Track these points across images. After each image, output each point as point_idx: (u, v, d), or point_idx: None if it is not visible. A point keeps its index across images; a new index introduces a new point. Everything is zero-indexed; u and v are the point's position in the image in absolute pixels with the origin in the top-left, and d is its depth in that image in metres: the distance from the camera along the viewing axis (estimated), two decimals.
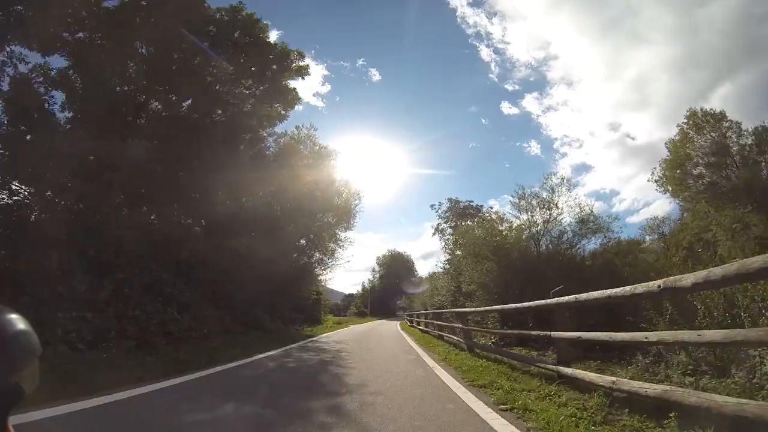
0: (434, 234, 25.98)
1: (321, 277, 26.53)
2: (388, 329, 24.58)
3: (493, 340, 10.64)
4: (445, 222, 26.53)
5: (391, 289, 67.59)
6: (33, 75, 10.53)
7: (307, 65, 17.00)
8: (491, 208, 24.46)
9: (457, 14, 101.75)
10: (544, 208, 13.90)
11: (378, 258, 73.07)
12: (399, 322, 40.19)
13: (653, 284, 3.00)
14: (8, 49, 9.72)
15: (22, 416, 3.19)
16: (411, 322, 28.26)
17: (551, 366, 5.29)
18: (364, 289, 68.76)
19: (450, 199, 26.26)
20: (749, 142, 22.79)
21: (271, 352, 9.84)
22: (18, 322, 0.62)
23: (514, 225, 14.27)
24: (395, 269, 69.03)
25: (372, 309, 59.10)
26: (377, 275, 71.42)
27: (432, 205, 26.35)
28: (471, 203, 25.99)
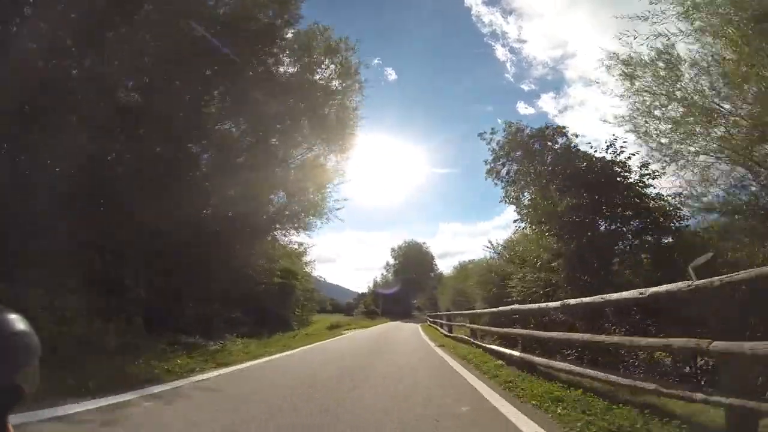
0: (487, 178, 15.53)
1: (295, 245, 17.40)
2: (408, 341, 15.52)
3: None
4: (503, 158, 16.61)
5: (406, 287, 58.38)
6: None
7: None
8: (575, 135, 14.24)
9: (472, 13, 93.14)
10: None
11: (392, 250, 63.86)
12: (419, 325, 31.24)
13: None
14: None
15: None
16: (437, 325, 22.36)
17: None
18: (376, 284, 59.63)
19: (507, 123, 16.33)
20: None
21: None
22: (18, 322, 0.62)
23: None
24: (411, 263, 59.72)
25: (384, 309, 50.25)
26: (391, 269, 62.35)
27: (481, 134, 15.75)
28: (550, 125, 16.04)
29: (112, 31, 8.80)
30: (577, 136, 14.74)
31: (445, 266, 69.31)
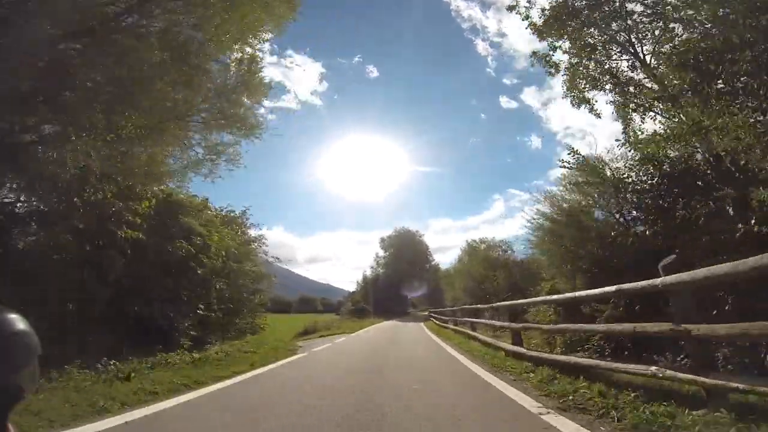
0: (532, 64, 6.38)
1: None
2: (438, 366, 7.47)
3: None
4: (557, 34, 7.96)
5: (399, 282, 50.48)
6: None
7: None
8: None
9: (452, 8, 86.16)
10: None
11: (382, 240, 55.70)
12: (422, 324, 23.50)
13: None
14: None
15: None
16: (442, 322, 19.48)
17: None
18: (366, 280, 51.21)
19: None
20: None
21: None
22: (18, 322, 0.61)
23: None
24: (404, 255, 51.74)
25: (376, 306, 42.32)
26: (381, 262, 54.21)
27: (511, 7, 6.39)
28: None
29: None
30: None
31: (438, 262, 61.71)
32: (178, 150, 8.11)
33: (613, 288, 4.24)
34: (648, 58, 8.02)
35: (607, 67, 8.65)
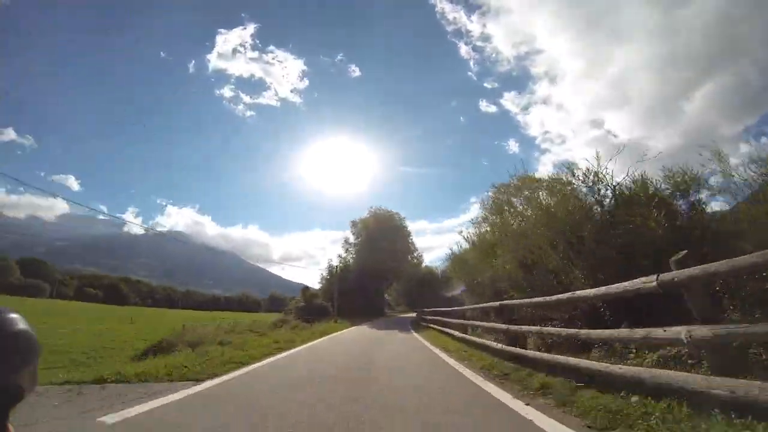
0: None
1: None
2: None
3: None
4: None
5: (373, 276, 38.80)
6: None
7: None
8: None
9: (436, 10, 77.83)
10: None
11: (353, 223, 43.25)
12: (419, 336, 12.57)
13: None
14: None
15: None
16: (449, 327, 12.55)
17: None
18: (332, 271, 38.70)
19: None
20: None
21: None
22: (18, 322, 0.62)
23: None
24: (381, 242, 40.09)
25: (341, 305, 30.73)
26: (351, 250, 42.34)
27: None
28: None
29: None
30: None
31: (422, 251, 50.13)
32: None
33: None
34: None
35: None
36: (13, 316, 0.61)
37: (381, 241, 39.55)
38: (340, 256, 41.47)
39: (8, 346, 0.59)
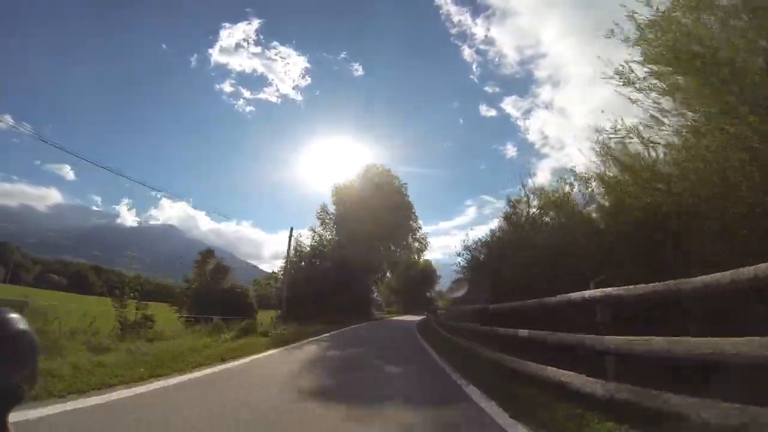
0: None
1: None
2: None
3: None
4: None
5: (356, 261, 28.22)
6: None
7: None
8: None
9: (441, 12, 70.64)
10: None
11: (333, 189, 32.20)
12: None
13: None
14: None
15: None
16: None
17: None
18: (301, 253, 28.29)
19: None
20: None
21: None
22: (19, 322, 0.61)
23: None
24: (373, 209, 29.59)
25: (299, 301, 20.47)
26: (328, 222, 31.36)
27: None
28: None
29: None
30: None
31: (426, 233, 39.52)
32: None
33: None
34: None
35: None
36: (13, 316, 0.61)
37: (374, 211, 29.05)
38: (312, 230, 30.62)
39: (8, 346, 0.58)
